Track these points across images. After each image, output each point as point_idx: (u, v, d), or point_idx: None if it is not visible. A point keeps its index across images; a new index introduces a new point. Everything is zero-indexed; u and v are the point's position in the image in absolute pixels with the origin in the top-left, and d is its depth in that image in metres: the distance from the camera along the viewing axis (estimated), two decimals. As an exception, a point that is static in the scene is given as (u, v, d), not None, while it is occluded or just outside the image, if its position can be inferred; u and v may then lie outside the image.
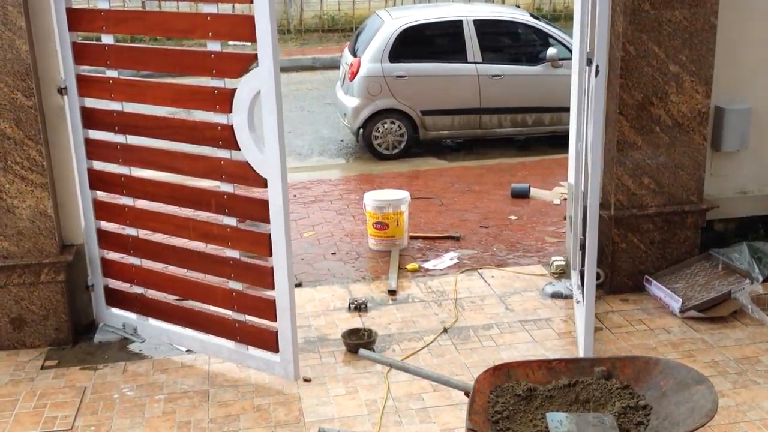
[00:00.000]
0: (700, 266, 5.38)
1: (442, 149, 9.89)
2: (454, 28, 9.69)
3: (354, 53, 9.82)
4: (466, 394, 3.20)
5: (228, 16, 4.07)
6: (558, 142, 9.28)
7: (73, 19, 4.53)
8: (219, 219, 4.41)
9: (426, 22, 9.75)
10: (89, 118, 4.68)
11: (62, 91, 4.65)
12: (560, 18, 17.92)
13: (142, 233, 4.78)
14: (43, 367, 4.66)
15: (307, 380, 4.48)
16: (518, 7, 13.86)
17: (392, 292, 5.56)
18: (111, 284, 5.02)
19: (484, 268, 5.95)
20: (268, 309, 4.38)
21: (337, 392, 4.37)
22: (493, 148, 9.79)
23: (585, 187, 5.23)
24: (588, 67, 5.08)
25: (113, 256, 4.97)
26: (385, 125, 9.41)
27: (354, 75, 9.40)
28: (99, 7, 4.48)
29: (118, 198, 4.75)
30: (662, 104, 5.11)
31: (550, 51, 9.50)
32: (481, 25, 9.66)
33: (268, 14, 3.86)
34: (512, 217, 7.14)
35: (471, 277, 5.82)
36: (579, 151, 5.27)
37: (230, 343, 4.60)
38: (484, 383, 3.18)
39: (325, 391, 4.39)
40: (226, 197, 4.32)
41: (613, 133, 5.14)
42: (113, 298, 5.02)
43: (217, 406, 4.27)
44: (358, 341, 4.76)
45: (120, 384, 4.49)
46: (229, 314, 4.55)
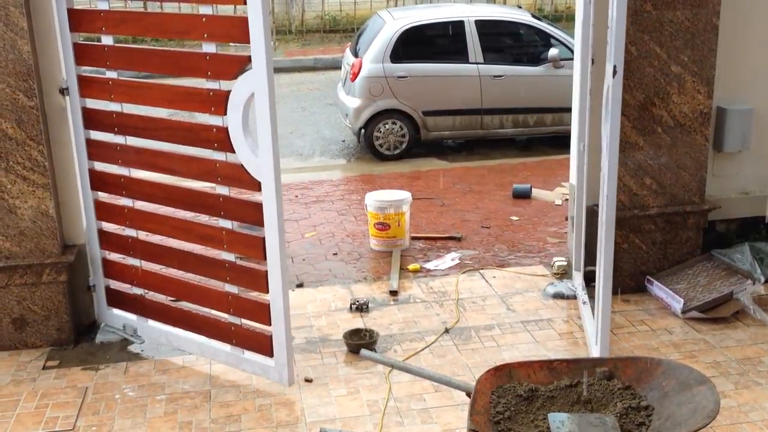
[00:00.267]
0: (702, 267, 5.38)
1: (443, 150, 9.89)
2: (455, 28, 9.69)
3: (355, 54, 9.82)
4: (468, 394, 3.20)
5: (222, 18, 4.02)
6: (559, 142, 9.27)
7: (74, 20, 4.54)
8: (215, 221, 4.39)
9: (427, 22, 9.75)
10: (90, 119, 4.68)
11: (64, 91, 4.65)
12: (562, 18, 17.91)
13: (141, 234, 4.76)
14: (44, 368, 4.67)
15: (308, 381, 4.48)
16: (520, 7, 13.83)
17: (394, 293, 5.56)
18: (112, 285, 5.01)
19: (485, 269, 5.95)
20: (262, 312, 4.34)
21: (338, 393, 4.37)
22: (495, 149, 9.79)
23: (586, 187, 5.24)
24: (592, 67, 5.10)
25: (114, 256, 4.97)
26: (387, 126, 9.41)
27: (355, 75, 9.40)
28: (99, 7, 4.48)
29: (118, 199, 4.75)
30: (664, 105, 5.10)
31: (552, 51, 9.49)
32: (482, 25, 9.66)
33: (261, 16, 3.80)
34: (514, 218, 7.13)
35: (472, 277, 5.82)
36: (581, 151, 5.27)
37: (227, 347, 4.58)
38: (485, 384, 3.18)
39: (326, 391, 4.39)
40: (221, 200, 4.28)
41: (614, 133, 5.14)
42: (114, 299, 5.02)
43: (219, 407, 4.27)
44: (360, 342, 4.76)
45: (121, 384, 4.49)
46: (225, 317, 4.53)
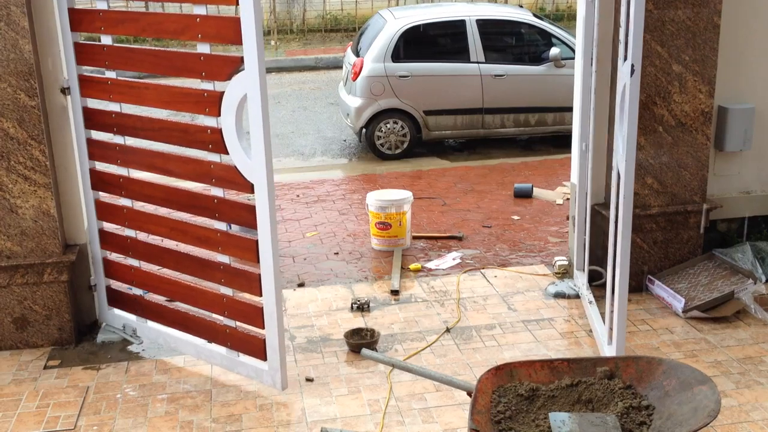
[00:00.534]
0: (703, 266, 5.37)
1: (444, 149, 9.89)
2: (456, 28, 9.69)
3: (357, 53, 9.82)
4: (469, 394, 3.20)
5: (215, 18, 4.00)
6: (561, 142, 9.28)
7: (74, 20, 4.54)
8: (211, 223, 4.37)
9: (429, 21, 9.74)
10: (90, 119, 4.69)
11: (65, 91, 4.66)
12: (563, 18, 17.91)
13: (141, 235, 4.76)
14: (46, 367, 4.67)
15: (309, 380, 4.48)
16: (521, 6, 13.84)
17: (395, 292, 5.56)
18: (113, 285, 5.02)
19: (486, 268, 5.95)
20: (256, 316, 4.31)
21: (339, 392, 4.37)
22: (496, 148, 9.78)
23: (591, 186, 5.23)
24: (592, 66, 5.10)
25: (114, 256, 4.97)
26: (388, 125, 9.41)
27: (357, 75, 9.40)
28: (98, 7, 4.48)
29: (117, 199, 4.75)
30: (665, 104, 5.10)
31: (553, 51, 9.49)
32: (483, 24, 9.66)
33: (253, 16, 3.77)
34: (515, 217, 7.13)
35: (474, 277, 5.82)
36: (582, 151, 5.27)
37: (222, 349, 4.57)
38: (486, 383, 3.18)
39: (327, 390, 4.39)
40: (216, 201, 4.26)
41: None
42: (114, 299, 5.03)
43: (220, 406, 4.27)
44: (361, 341, 4.76)
45: (123, 384, 4.50)
46: (221, 320, 4.51)
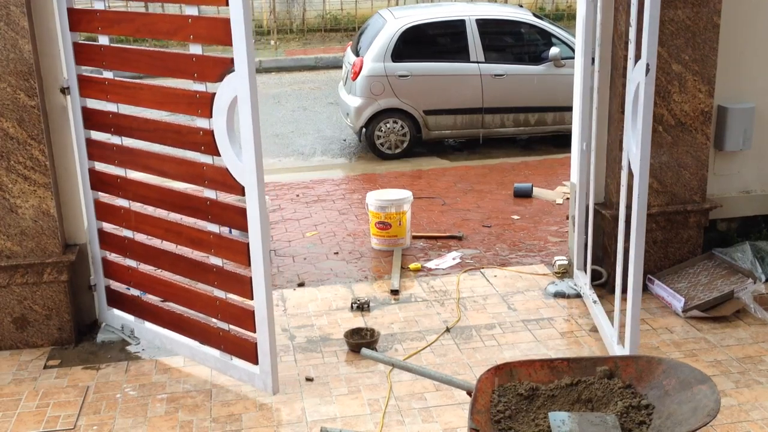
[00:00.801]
0: (703, 266, 5.37)
1: (444, 149, 9.89)
2: (456, 27, 9.69)
3: (356, 53, 9.82)
4: (469, 393, 3.20)
5: (205, 19, 3.98)
6: (561, 141, 9.28)
7: (73, 19, 4.54)
8: (204, 225, 4.34)
9: (428, 21, 9.74)
10: (89, 119, 4.69)
11: (65, 90, 4.66)
12: (563, 17, 17.91)
13: (139, 236, 4.76)
14: (45, 367, 4.67)
15: (309, 380, 4.48)
16: (521, 6, 13.84)
17: (395, 292, 5.56)
18: (112, 285, 5.02)
19: (486, 268, 5.95)
20: (248, 319, 4.28)
21: (339, 392, 4.37)
22: (496, 148, 9.79)
23: (593, 185, 5.24)
24: (593, 66, 5.10)
25: (113, 257, 4.96)
26: (388, 125, 9.41)
27: (357, 74, 9.40)
28: (95, 7, 4.48)
29: (115, 199, 4.75)
30: (665, 104, 5.10)
31: (553, 50, 9.49)
32: (483, 24, 9.66)
33: (243, 17, 3.73)
34: (515, 217, 7.13)
35: (473, 276, 5.82)
36: (583, 151, 5.27)
37: (216, 352, 4.55)
38: (486, 383, 3.18)
39: (327, 390, 4.39)
40: (208, 203, 4.24)
41: (615, 132, 5.13)
42: (113, 299, 5.03)
43: (220, 406, 4.27)
44: (361, 341, 4.77)
45: (122, 384, 4.50)
46: (214, 322, 4.50)
